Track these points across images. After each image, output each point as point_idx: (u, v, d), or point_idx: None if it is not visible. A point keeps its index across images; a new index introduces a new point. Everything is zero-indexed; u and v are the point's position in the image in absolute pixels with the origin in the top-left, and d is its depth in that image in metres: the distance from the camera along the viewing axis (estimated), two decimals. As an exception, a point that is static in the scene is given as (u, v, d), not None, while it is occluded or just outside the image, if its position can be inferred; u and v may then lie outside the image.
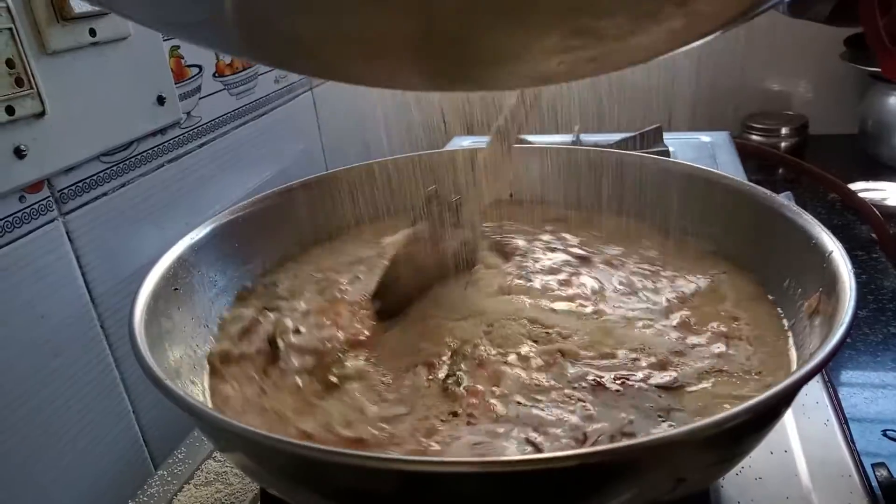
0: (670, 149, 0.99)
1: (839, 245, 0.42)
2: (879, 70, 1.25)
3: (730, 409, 0.28)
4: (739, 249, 0.55)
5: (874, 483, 0.49)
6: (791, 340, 0.45)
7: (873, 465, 0.51)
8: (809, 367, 0.30)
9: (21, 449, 0.52)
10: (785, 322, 0.47)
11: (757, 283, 0.53)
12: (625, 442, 0.27)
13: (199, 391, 0.42)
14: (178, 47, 0.68)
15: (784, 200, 0.50)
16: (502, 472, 0.27)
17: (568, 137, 1.03)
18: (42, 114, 0.52)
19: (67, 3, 0.53)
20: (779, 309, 0.49)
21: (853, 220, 1.10)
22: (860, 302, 0.90)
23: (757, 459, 0.47)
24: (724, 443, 0.31)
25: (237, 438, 0.30)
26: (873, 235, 1.04)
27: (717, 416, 0.27)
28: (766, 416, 0.31)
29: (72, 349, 0.57)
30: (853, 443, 0.52)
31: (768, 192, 0.53)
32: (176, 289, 0.46)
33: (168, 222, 0.67)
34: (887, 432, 0.67)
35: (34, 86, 0.51)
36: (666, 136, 1.03)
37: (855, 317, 0.35)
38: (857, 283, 0.94)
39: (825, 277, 0.42)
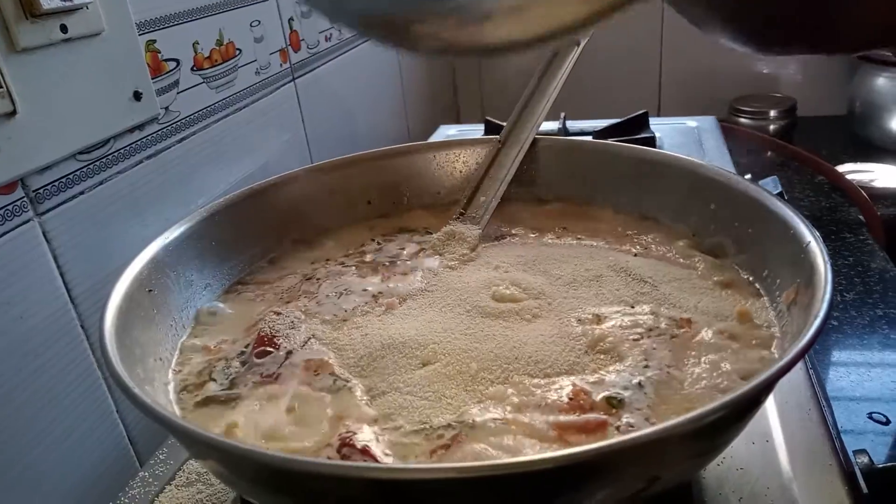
0: (657, 134, 0.99)
1: (817, 235, 0.42)
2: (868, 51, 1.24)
3: (682, 417, 0.27)
4: (718, 238, 0.55)
5: (857, 470, 0.49)
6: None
7: (854, 452, 0.51)
8: (770, 373, 0.30)
9: (5, 449, 0.52)
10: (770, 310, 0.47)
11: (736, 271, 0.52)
12: (596, 444, 0.27)
13: (172, 394, 0.42)
14: (155, 41, 0.67)
15: (762, 188, 0.50)
16: (475, 478, 0.27)
17: (554, 125, 1.02)
18: (13, 113, 0.51)
19: (36, 0, 0.51)
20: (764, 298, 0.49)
21: (841, 202, 1.10)
22: (847, 284, 0.90)
23: (738, 449, 0.47)
24: (687, 446, 0.31)
25: (208, 448, 0.30)
26: (861, 217, 1.04)
27: (670, 423, 0.27)
28: (719, 425, 0.31)
29: (52, 349, 0.57)
30: (836, 430, 0.52)
31: (745, 180, 0.53)
32: (150, 290, 0.46)
33: (149, 219, 0.66)
34: (873, 414, 0.68)
35: (4, 85, 0.50)
36: (652, 121, 1.02)
37: (829, 312, 0.34)
38: (844, 265, 0.95)
39: (803, 268, 0.41)
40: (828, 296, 0.35)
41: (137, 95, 0.64)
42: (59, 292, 0.57)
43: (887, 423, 0.66)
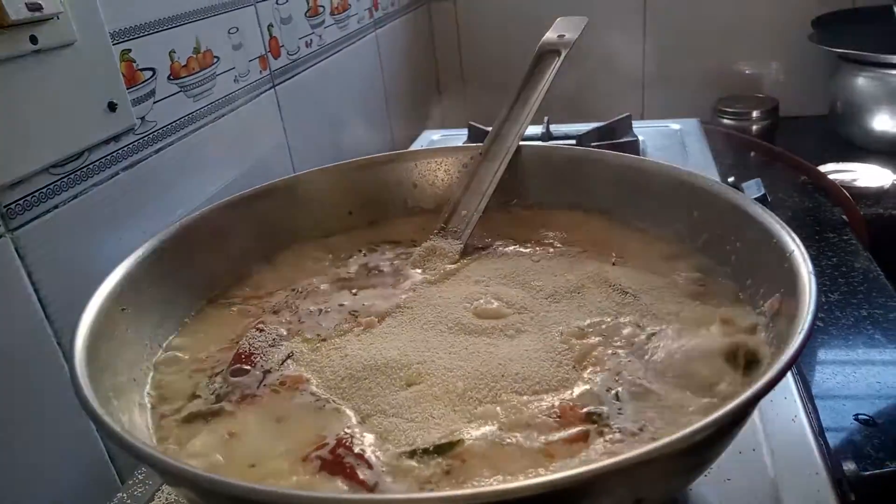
0: (640, 138, 0.99)
1: (800, 244, 0.42)
2: (847, 51, 1.26)
3: (665, 439, 0.27)
4: (700, 246, 0.54)
5: (844, 477, 0.49)
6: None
7: (841, 460, 0.51)
8: (757, 388, 0.29)
9: (-21, 470, 0.51)
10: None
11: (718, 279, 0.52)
12: (578, 469, 0.26)
13: (147, 415, 0.41)
14: (129, 51, 0.66)
15: (744, 195, 0.50)
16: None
17: (537, 129, 1.02)
18: (-19, 128, 0.50)
19: (3, 10, 0.50)
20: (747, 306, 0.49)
21: (824, 202, 1.10)
22: (831, 285, 0.91)
23: (726, 460, 0.46)
24: (671, 466, 0.30)
25: (174, 476, 0.29)
26: (844, 217, 1.05)
27: (653, 445, 0.27)
28: (703, 443, 0.30)
29: (28, 367, 0.56)
30: (822, 437, 0.51)
31: (728, 187, 0.52)
32: (124, 309, 0.45)
33: (126, 232, 0.65)
34: (859, 416, 0.68)
35: (-29, 99, 0.49)
36: (636, 124, 1.02)
37: (814, 324, 0.34)
38: (828, 265, 0.95)
39: (786, 277, 0.41)
40: (812, 309, 0.35)
41: (112, 106, 0.62)
42: (34, 309, 0.56)
43: (873, 424, 0.66)
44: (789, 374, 0.56)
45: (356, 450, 0.37)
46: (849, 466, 0.50)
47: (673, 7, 1.43)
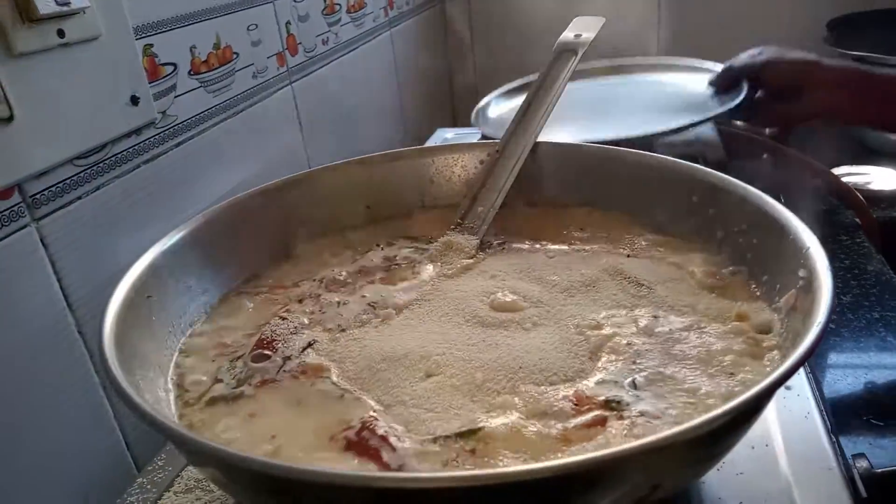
0: (654, 137, 0.98)
1: (816, 240, 0.42)
2: (863, 54, 1.25)
3: (681, 426, 0.27)
4: (715, 241, 0.55)
5: (856, 475, 0.49)
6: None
7: (854, 456, 0.51)
8: (772, 379, 0.30)
9: (0, 454, 0.52)
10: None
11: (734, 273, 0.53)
12: (596, 453, 0.27)
13: (171, 400, 0.42)
14: (152, 46, 0.67)
15: (760, 192, 0.50)
16: (475, 486, 0.27)
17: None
18: (10, 118, 0.51)
19: (33, 4, 0.51)
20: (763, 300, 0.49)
21: (837, 205, 1.10)
22: (844, 287, 0.91)
23: (738, 454, 0.47)
24: (687, 454, 0.31)
25: (206, 456, 0.30)
26: (857, 220, 1.04)
27: (670, 431, 0.27)
28: (719, 432, 0.31)
29: (49, 355, 0.57)
30: (835, 434, 0.52)
31: (743, 183, 0.53)
32: (149, 296, 0.46)
33: (146, 224, 0.66)
34: (870, 418, 0.68)
35: (0, 90, 0.50)
36: (650, 124, 1.02)
37: (830, 318, 0.34)
38: (840, 268, 0.95)
39: (803, 273, 0.42)
40: (829, 303, 0.35)
41: (134, 100, 0.63)
42: (56, 297, 0.57)
43: (885, 426, 0.66)
44: (802, 373, 0.56)
45: (380, 432, 0.37)
46: (861, 464, 0.50)
47: (687, 9, 1.44)
